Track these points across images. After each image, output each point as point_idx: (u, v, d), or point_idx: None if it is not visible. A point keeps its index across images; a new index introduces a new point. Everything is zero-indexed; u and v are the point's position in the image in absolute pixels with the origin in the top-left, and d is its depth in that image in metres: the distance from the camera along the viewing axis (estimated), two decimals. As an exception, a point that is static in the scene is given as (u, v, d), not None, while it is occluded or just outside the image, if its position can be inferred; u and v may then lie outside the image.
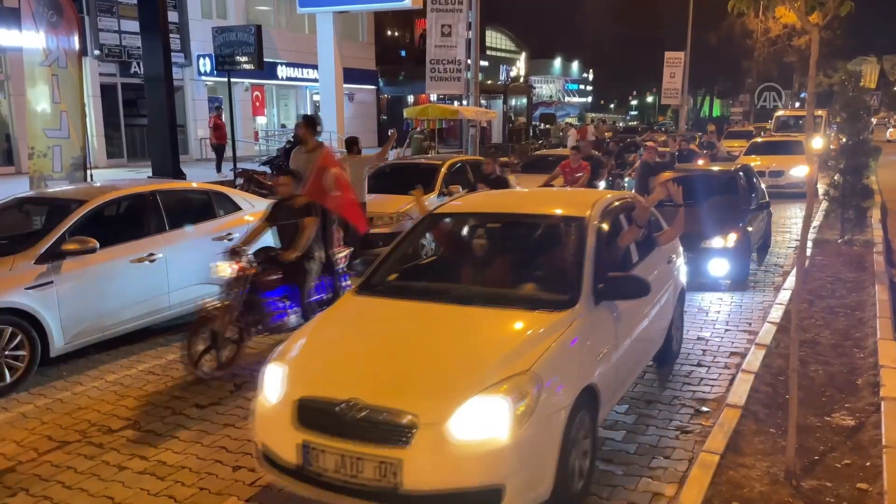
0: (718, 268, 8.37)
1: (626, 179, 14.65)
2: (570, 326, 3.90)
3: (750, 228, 8.86)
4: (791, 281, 8.35)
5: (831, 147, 19.78)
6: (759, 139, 20.77)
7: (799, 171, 16.94)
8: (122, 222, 6.96)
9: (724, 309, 7.73)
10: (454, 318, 4.15)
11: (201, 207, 7.55)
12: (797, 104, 43.72)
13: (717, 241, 8.35)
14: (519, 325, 3.95)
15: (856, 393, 5.28)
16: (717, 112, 67.71)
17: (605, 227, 4.81)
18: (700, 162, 14.11)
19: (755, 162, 16.25)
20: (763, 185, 10.95)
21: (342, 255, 7.16)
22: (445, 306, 4.29)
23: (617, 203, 5.31)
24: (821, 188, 12.56)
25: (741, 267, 8.55)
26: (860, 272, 9.00)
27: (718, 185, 9.82)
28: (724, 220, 8.60)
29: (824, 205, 12.28)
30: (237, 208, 7.73)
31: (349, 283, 6.69)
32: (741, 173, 10.20)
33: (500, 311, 4.11)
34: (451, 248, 5.57)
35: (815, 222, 12.37)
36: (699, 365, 6.04)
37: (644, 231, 5.17)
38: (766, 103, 33.07)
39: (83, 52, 10.30)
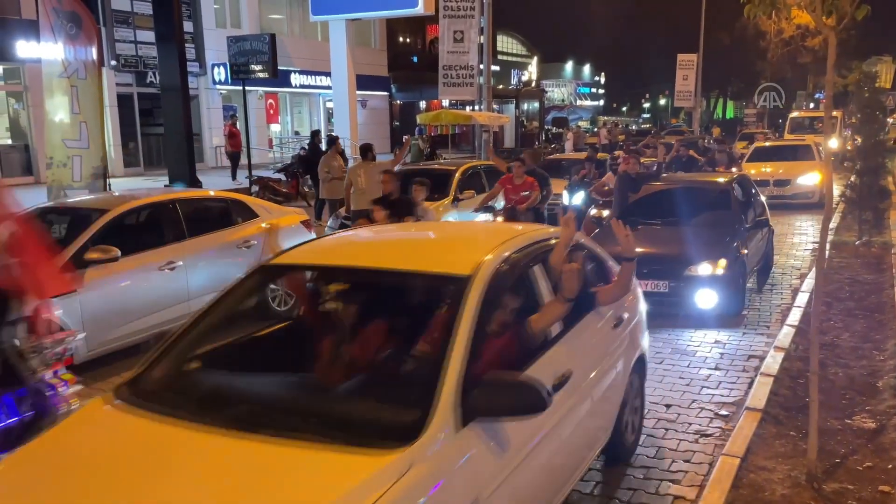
0: (706, 300, 7.06)
1: (567, 194, 11.40)
2: (398, 482, 2.30)
3: (745, 251, 7.66)
4: (809, 283, 8.31)
5: (847, 148, 19.57)
6: (762, 143, 18.97)
7: (808, 179, 15.14)
8: (143, 231, 7.05)
9: (741, 321, 7.69)
10: (205, 466, 2.52)
11: (219, 215, 7.64)
12: (811, 105, 43.42)
13: (704, 268, 7.08)
14: (301, 485, 2.34)
15: (876, 395, 5.25)
16: (730, 114, 67.35)
17: (501, 292, 3.32)
18: (734, 170, 12.66)
19: (759, 169, 15.33)
20: (764, 197, 9.99)
21: (53, 348, 4.09)
22: (212, 436, 2.62)
23: (531, 249, 3.69)
24: (835, 190, 12.44)
25: (734, 298, 7.31)
26: (878, 274, 8.93)
27: (708, 199, 8.66)
28: (713, 243, 7.41)
29: (840, 206, 12.21)
30: (254, 215, 7.80)
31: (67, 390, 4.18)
32: (736, 185, 9.01)
33: (290, 450, 2.50)
34: (293, 319, 4.35)
35: (833, 224, 12.29)
36: (717, 368, 6.03)
37: (570, 306, 3.42)
38: (766, 103, 32.84)
39: (101, 62, 10.43)
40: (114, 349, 6.34)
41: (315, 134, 17.46)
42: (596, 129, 49.57)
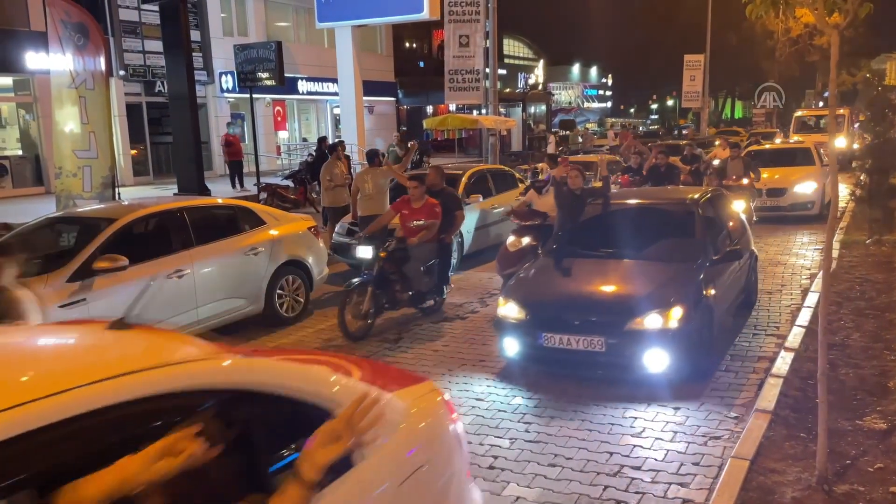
0: (655, 361, 5.38)
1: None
2: None
3: (712, 291, 5.99)
4: (818, 283, 8.26)
5: (855, 146, 19.37)
6: (755, 148, 16.84)
7: (806, 187, 13.44)
8: (151, 239, 7.09)
9: (750, 322, 7.65)
10: None
11: (227, 223, 7.67)
12: (820, 104, 43.19)
13: (652, 320, 5.41)
14: None
15: (887, 396, 5.21)
16: (738, 113, 67.12)
17: None
18: (745, 181, 11.58)
19: (751, 176, 12.93)
20: (744, 217, 8.51)
21: None
22: None
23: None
24: (842, 190, 12.33)
25: (693, 359, 5.57)
26: (889, 273, 8.86)
27: (667, 224, 6.95)
28: (666, 284, 5.77)
29: (850, 205, 12.11)
30: (261, 222, 7.83)
31: None
32: (706, 204, 7.13)
33: None
34: None
35: (842, 223, 12.21)
36: (727, 370, 6.00)
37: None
38: (766, 104, 32.62)
39: (109, 72, 10.51)
40: (123, 357, 6.36)
41: (322, 140, 17.53)
42: (605, 131, 49.53)
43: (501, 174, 12.70)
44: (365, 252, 7.81)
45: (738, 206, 9.50)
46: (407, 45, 40.40)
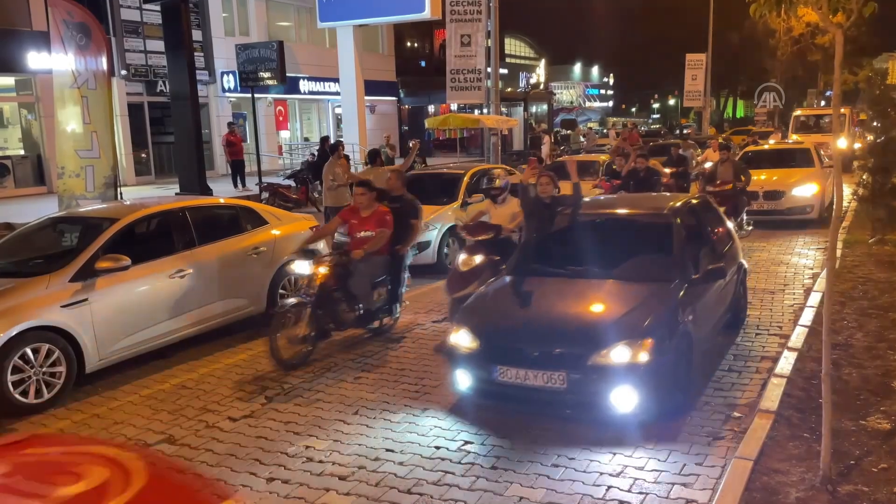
0: (623, 400, 4.73)
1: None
2: None
3: (690, 316, 5.31)
4: (821, 283, 8.24)
5: (856, 146, 19.27)
6: (752, 149, 16.11)
7: (805, 190, 12.89)
8: (153, 239, 7.10)
9: (754, 313, 7.64)
10: None
11: (229, 223, 7.67)
12: (822, 103, 43.14)
13: (619, 353, 4.75)
14: None
15: (891, 396, 5.20)
16: (740, 113, 67.09)
17: None
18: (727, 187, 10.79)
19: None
20: (734, 226, 8.06)
21: None
22: None
23: None
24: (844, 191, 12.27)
25: (666, 396, 4.93)
26: (892, 272, 8.85)
27: (641, 238, 6.24)
28: (637, 310, 5.09)
29: (853, 205, 12.08)
30: (263, 222, 7.83)
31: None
32: (688, 214, 6.47)
33: None
34: None
35: (845, 223, 12.19)
36: (730, 370, 5.99)
37: None
38: (766, 104, 32.48)
39: (111, 72, 10.52)
40: (125, 357, 6.38)
41: (324, 140, 17.53)
42: (605, 130, 49.48)
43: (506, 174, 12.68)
44: (301, 268, 6.69)
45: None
46: (408, 44, 40.39)
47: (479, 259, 6.99)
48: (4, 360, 5.40)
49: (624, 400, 4.74)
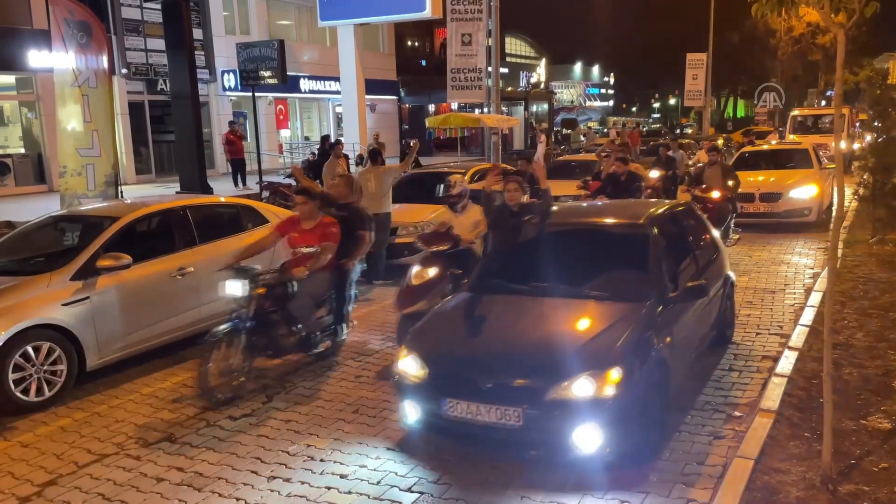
0: (586, 441, 4.14)
1: None
2: None
3: (667, 339, 4.73)
4: (822, 283, 8.25)
5: (854, 147, 19.22)
6: (749, 149, 15.53)
7: (803, 192, 12.44)
8: (154, 238, 7.10)
9: (755, 312, 7.64)
10: None
11: (230, 221, 7.67)
12: (823, 103, 43.13)
13: (581, 387, 4.15)
14: None
15: (892, 395, 5.20)
16: (741, 112, 67.06)
17: None
18: (715, 194, 9.87)
19: (745, 180, 11.76)
20: (719, 232, 7.52)
21: None
22: None
23: None
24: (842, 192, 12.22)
25: (636, 434, 4.31)
26: (893, 272, 8.85)
27: (612, 251, 5.62)
28: (604, 335, 4.49)
29: (853, 204, 12.07)
30: (264, 221, 7.82)
31: None
32: (668, 224, 5.89)
33: None
34: None
35: (846, 222, 12.19)
36: (731, 370, 5.99)
37: None
38: (766, 104, 32.40)
39: (112, 71, 10.52)
40: (125, 356, 6.38)
41: (325, 139, 17.53)
42: (606, 130, 49.49)
43: (503, 173, 12.67)
44: (233, 289, 5.73)
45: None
46: (409, 43, 40.40)
47: (432, 272, 6.46)
48: (5, 359, 5.41)
49: (588, 440, 4.12)
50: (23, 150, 20.23)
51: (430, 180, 11.90)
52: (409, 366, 4.66)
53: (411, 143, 10.82)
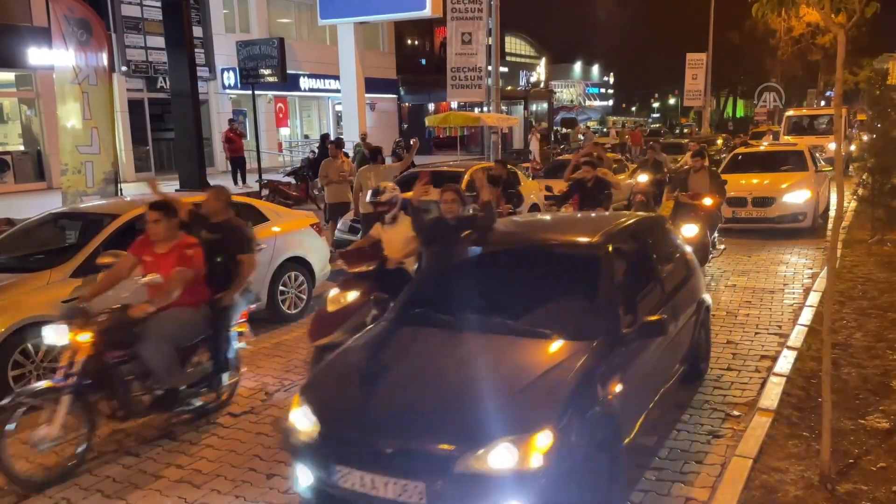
0: None
1: None
2: None
3: (616, 388, 3.81)
4: (821, 282, 8.26)
5: (852, 148, 19.15)
6: (742, 150, 14.73)
7: (797, 196, 11.83)
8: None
9: (753, 312, 7.65)
10: None
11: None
12: (822, 103, 43.16)
13: (500, 455, 3.28)
14: None
15: (890, 395, 5.21)
16: (740, 112, 67.07)
17: None
18: (707, 201, 8.98)
19: (737, 183, 11.45)
20: (697, 247, 6.96)
21: None
22: None
23: None
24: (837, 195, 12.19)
25: None
26: (891, 272, 8.86)
27: (559, 277, 4.68)
28: (535, 385, 3.61)
29: (853, 204, 12.07)
30: (264, 219, 7.83)
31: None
32: (625, 242, 4.95)
33: None
34: None
35: (845, 223, 12.21)
36: (729, 369, 6.00)
37: None
38: (766, 104, 32.34)
39: (111, 68, 10.51)
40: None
41: (325, 137, 17.52)
42: (606, 129, 49.51)
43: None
44: (54, 335, 4.55)
45: (689, 232, 8.46)
46: (409, 42, 40.39)
47: (351, 296, 5.49)
48: (5, 355, 5.41)
49: None
50: (22, 148, 20.22)
51: (432, 179, 11.90)
52: (300, 419, 3.73)
53: (411, 142, 10.82)
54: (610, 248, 4.61)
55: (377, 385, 3.94)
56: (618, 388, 3.84)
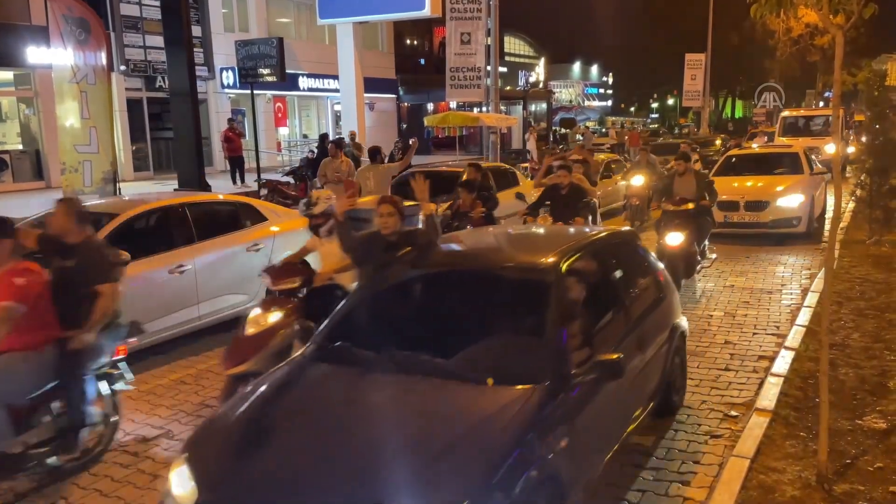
0: None
1: None
2: None
3: (561, 444, 3.21)
4: (818, 283, 8.27)
5: (849, 150, 19.11)
6: (735, 152, 14.16)
7: (791, 200, 11.39)
8: (153, 235, 7.09)
9: (751, 312, 7.66)
10: None
11: (228, 219, 7.68)
12: (821, 104, 43.19)
13: None
14: None
15: (887, 395, 5.22)
16: (739, 113, 67.11)
17: None
18: (690, 206, 8.35)
19: (729, 186, 11.11)
20: (659, 263, 5.52)
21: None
22: None
23: None
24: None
25: None
26: (889, 273, 8.88)
27: (502, 307, 4.10)
28: (460, 443, 2.96)
29: (850, 205, 12.07)
30: (263, 219, 7.84)
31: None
32: (585, 264, 4.27)
33: None
34: None
35: (843, 223, 12.22)
36: (727, 369, 6.01)
37: None
38: (766, 104, 32.31)
39: (110, 67, 10.51)
40: (124, 352, 6.34)
41: (324, 137, 17.51)
42: (605, 129, 49.53)
43: (501, 172, 12.70)
44: None
45: (673, 241, 8.08)
46: (408, 42, 40.40)
47: (273, 318, 4.91)
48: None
49: None
50: (20, 147, 20.19)
51: (430, 178, 11.89)
52: (178, 482, 3.11)
53: (410, 142, 10.82)
54: (563, 271, 3.95)
55: (271, 444, 3.23)
56: (563, 443, 3.19)
